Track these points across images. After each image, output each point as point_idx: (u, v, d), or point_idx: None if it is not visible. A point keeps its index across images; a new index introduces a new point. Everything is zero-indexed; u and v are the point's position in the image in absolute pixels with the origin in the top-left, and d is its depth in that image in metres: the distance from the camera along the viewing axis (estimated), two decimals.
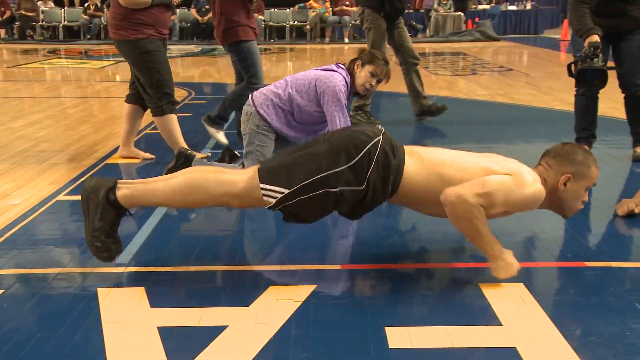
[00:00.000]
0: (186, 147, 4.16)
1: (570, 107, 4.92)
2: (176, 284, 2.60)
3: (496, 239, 2.49)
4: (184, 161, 3.74)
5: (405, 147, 2.61)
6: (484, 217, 2.42)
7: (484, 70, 10.26)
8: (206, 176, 2.46)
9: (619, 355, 2.02)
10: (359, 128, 2.70)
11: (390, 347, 2.10)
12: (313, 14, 17.04)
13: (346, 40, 16.57)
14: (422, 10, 18.54)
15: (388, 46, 5.80)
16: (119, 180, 2.54)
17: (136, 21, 4.08)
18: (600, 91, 4.39)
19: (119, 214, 2.54)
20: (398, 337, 2.15)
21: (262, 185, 2.43)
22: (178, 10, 15.23)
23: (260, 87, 4.13)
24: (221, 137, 4.84)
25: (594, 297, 2.43)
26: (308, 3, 17.40)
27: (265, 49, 14.55)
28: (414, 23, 17.21)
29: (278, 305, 2.38)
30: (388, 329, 2.20)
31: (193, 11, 16.81)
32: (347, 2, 16.30)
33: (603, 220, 3.34)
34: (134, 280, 2.62)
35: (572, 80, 4.26)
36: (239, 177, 2.48)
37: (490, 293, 2.46)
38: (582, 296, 2.44)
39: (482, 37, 16.81)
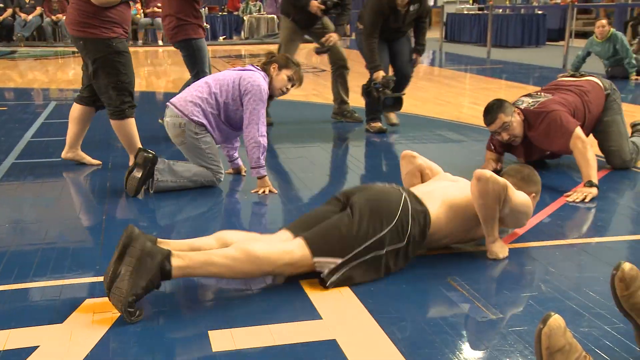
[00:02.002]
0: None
1: None
2: None
3: None
4: (143, 161, 3.67)
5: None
6: (501, 204, 2.72)
7: None
8: (267, 248, 2.45)
9: (428, 336, 2.16)
10: (378, 188, 2.78)
11: (213, 350, 2.08)
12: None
13: (160, 42, 16.17)
14: (236, 13, 18.61)
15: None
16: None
17: (107, 19, 3.91)
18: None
19: (158, 284, 2.33)
20: (221, 339, 2.14)
21: (315, 259, 2.49)
22: None
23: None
24: None
25: (404, 285, 2.58)
26: (134, 7, 16.78)
27: (73, 52, 13.82)
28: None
29: (95, 319, 2.27)
30: (211, 333, 2.18)
31: None
32: (159, 4, 15.90)
33: None
34: None
35: None
36: (291, 246, 2.50)
37: (310, 289, 2.52)
38: (394, 285, 2.58)
39: None
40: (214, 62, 11.55)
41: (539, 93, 4.21)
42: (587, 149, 3.75)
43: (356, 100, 6.05)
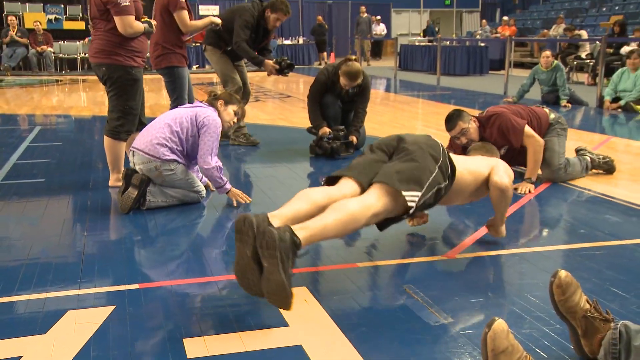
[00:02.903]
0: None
1: None
2: None
3: None
4: (139, 182, 3.73)
5: None
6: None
7: (267, 98, 10.50)
8: (360, 204, 2.48)
9: (386, 340, 2.16)
10: (420, 137, 2.88)
11: (188, 357, 2.05)
12: None
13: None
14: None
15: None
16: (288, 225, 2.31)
17: (131, 49, 4.08)
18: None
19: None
20: (195, 347, 2.11)
21: (405, 194, 2.57)
22: None
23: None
24: None
25: (364, 293, 2.58)
26: None
27: (57, 81, 13.62)
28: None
29: (77, 329, 2.22)
30: (186, 340, 2.15)
31: None
32: None
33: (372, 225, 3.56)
34: None
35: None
36: (371, 198, 2.54)
37: None
38: (355, 293, 2.58)
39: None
40: None
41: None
42: (539, 152, 4.20)
43: None
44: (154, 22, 4.32)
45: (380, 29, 20.84)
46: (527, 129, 4.21)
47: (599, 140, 6.15)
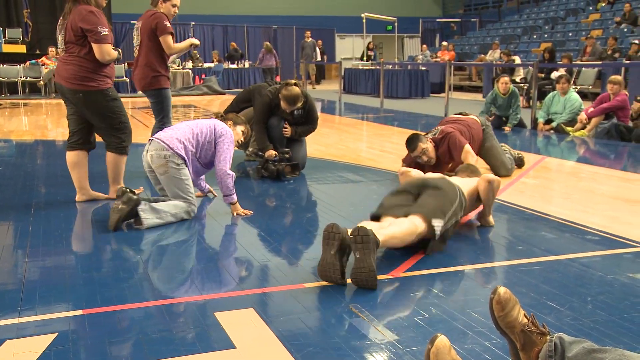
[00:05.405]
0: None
1: None
2: None
3: None
4: (128, 201, 3.76)
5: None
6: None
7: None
8: (411, 225, 3.14)
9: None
10: (441, 180, 3.61)
11: None
12: (46, 70, 15.83)
13: None
14: None
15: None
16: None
17: (103, 74, 4.27)
18: (307, 137, 5.83)
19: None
20: None
21: (433, 221, 3.19)
22: None
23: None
24: None
25: (314, 312, 2.58)
26: (40, 60, 16.18)
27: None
28: None
29: None
30: None
31: None
32: None
33: (320, 245, 3.57)
34: None
35: None
36: (417, 221, 3.18)
37: (225, 320, 2.47)
38: (302, 314, 2.57)
39: (209, 91, 17.12)
40: (134, 112, 11.35)
41: (437, 128, 5.23)
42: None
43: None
44: (120, 50, 4.46)
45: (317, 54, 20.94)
46: (467, 147, 4.92)
47: (534, 160, 6.36)
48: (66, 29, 4.22)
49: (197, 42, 5.43)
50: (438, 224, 3.22)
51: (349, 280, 2.88)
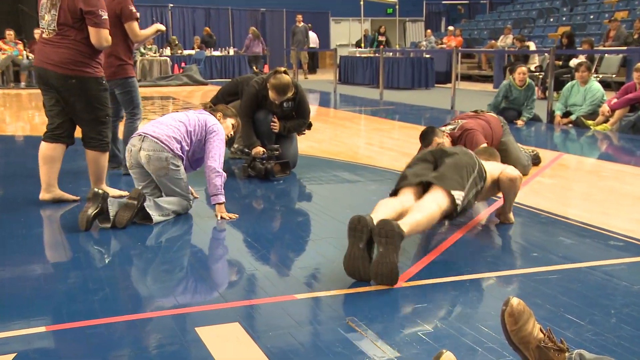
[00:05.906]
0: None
1: None
2: None
3: None
4: (93, 196, 3.84)
5: None
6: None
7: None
8: (434, 207, 3.30)
9: None
10: (459, 149, 3.85)
11: None
12: (3, 56, 15.78)
13: None
14: None
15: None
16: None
17: (98, 60, 4.37)
18: (299, 135, 5.91)
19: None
20: None
21: (453, 192, 3.38)
22: None
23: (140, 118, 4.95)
24: None
25: (306, 326, 2.57)
26: None
27: None
28: None
29: None
30: None
31: None
32: None
33: (312, 252, 3.57)
34: None
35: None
36: (439, 198, 3.36)
37: (207, 336, 2.47)
38: (292, 328, 2.57)
39: (189, 81, 17.13)
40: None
41: (456, 120, 5.30)
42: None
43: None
44: None
45: (312, 39, 20.99)
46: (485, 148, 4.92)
47: (551, 157, 6.37)
48: (60, 9, 4.20)
49: (163, 28, 5.45)
50: (459, 195, 3.40)
51: None
